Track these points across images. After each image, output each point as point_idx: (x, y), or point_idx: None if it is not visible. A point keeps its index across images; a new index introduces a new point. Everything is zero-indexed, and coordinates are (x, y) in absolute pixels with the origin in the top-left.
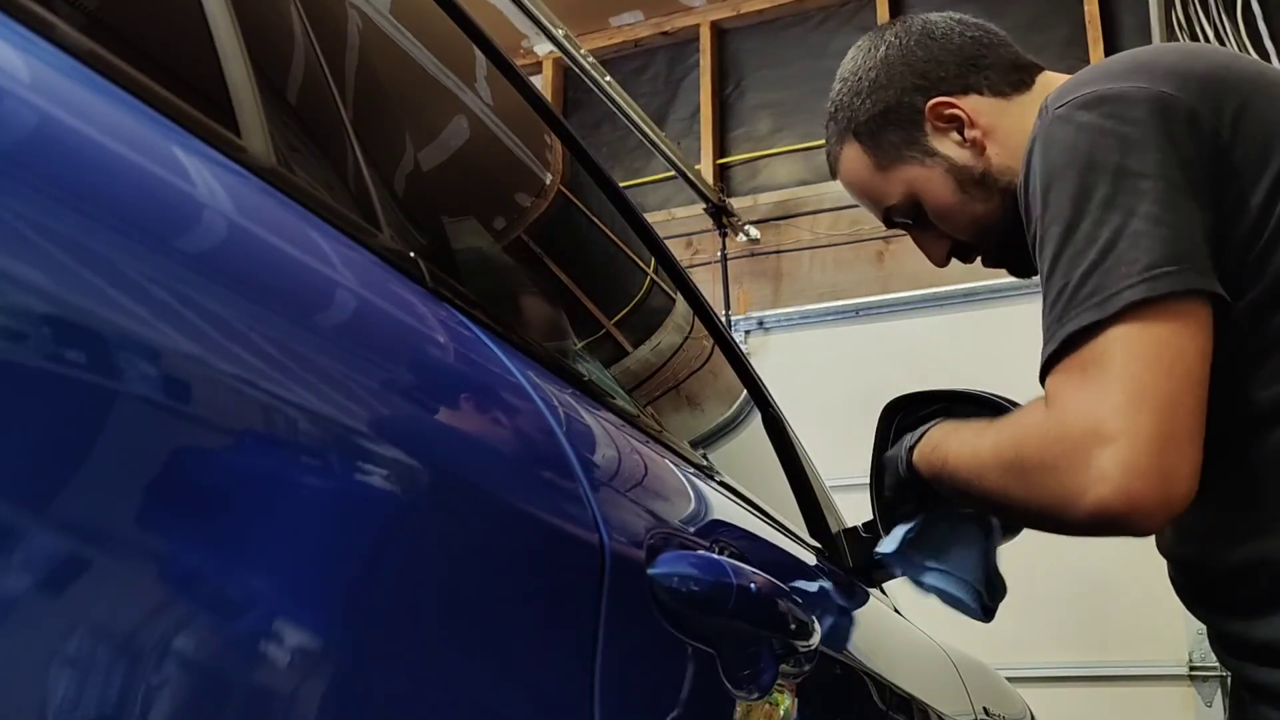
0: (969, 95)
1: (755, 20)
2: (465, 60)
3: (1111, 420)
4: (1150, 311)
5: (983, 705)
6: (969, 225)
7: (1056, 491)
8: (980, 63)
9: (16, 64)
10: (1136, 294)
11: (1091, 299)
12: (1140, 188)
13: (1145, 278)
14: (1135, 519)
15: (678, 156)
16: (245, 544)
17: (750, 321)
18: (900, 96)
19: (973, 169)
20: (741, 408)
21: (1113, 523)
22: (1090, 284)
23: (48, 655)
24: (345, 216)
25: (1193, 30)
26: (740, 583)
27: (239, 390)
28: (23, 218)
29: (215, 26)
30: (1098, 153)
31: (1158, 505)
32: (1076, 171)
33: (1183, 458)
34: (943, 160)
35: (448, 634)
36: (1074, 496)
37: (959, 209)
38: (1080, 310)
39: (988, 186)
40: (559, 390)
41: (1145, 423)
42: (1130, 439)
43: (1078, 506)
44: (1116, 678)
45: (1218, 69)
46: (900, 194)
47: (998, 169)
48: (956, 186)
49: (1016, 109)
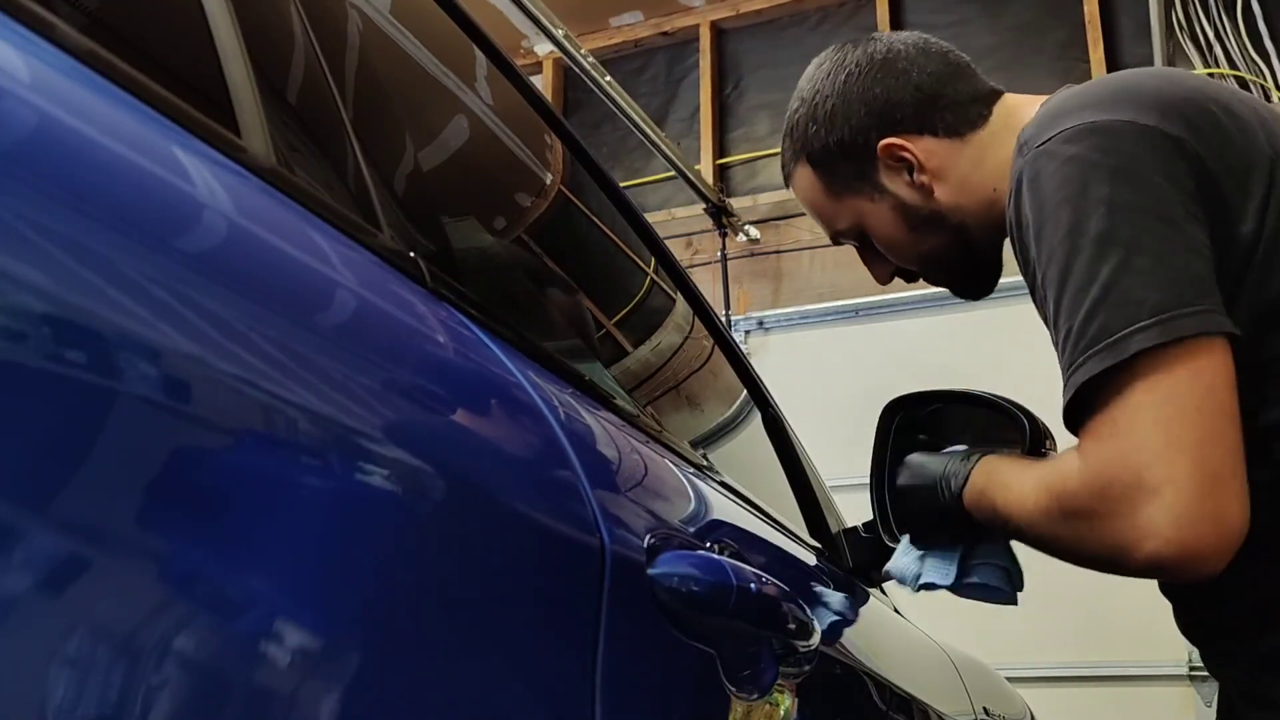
0: (923, 136)
1: (754, 20)
2: (465, 60)
3: (1153, 469)
4: (1170, 354)
5: (983, 705)
6: (915, 259)
7: (1108, 544)
8: (938, 102)
9: (16, 64)
10: (1150, 338)
11: (1100, 342)
12: (1139, 222)
13: (1158, 320)
14: (1193, 565)
15: (678, 156)
16: (244, 544)
17: (750, 321)
18: (854, 133)
19: (920, 209)
20: (741, 408)
21: (1171, 572)
22: (1095, 325)
23: (48, 655)
24: (345, 216)
25: (1193, 30)
26: (740, 583)
27: (239, 390)
28: (23, 218)
29: (215, 26)
30: (1090, 186)
31: (1213, 549)
32: (1069, 207)
33: (1230, 496)
34: (891, 197)
35: (448, 634)
36: (1126, 552)
37: (905, 244)
38: (1090, 356)
39: (935, 225)
40: (559, 390)
41: (1186, 468)
42: (1175, 487)
43: (1131, 561)
44: (1116, 678)
45: (1195, 94)
46: (848, 221)
47: (947, 208)
48: (904, 223)
49: (972, 149)
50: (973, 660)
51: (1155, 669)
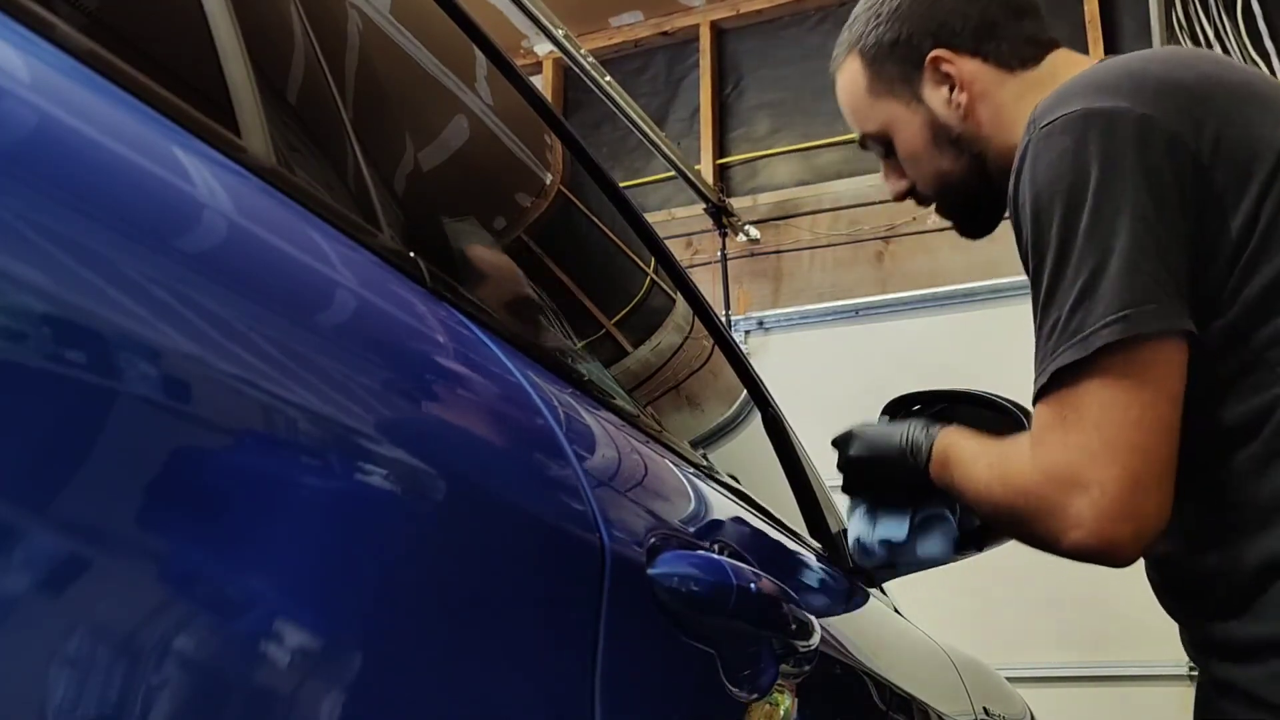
0: (974, 58)
1: (754, 20)
2: (465, 60)
3: (1087, 469)
4: (1123, 355)
5: (983, 705)
6: (932, 177)
7: (1039, 531)
8: (997, 30)
9: (16, 64)
10: (1110, 335)
11: (1075, 337)
12: (1118, 223)
13: (1117, 318)
14: (1110, 556)
15: (678, 156)
16: (244, 544)
17: (750, 321)
18: (910, 37)
19: (950, 128)
20: (741, 408)
21: (1090, 559)
22: (1075, 321)
23: (48, 655)
24: (345, 216)
25: (1193, 30)
26: (740, 583)
27: (239, 390)
28: (23, 218)
29: (215, 26)
30: (1080, 181)
31: (1129, 543)
32: (1062, 202)
33: (1149, 501)
34: (926, 110)
35: (448, 634)
36: (1055, 536)
37: (925, 160)
38: (1065, 348)
39: (959, 148)
40: (559, 390)
41: (1116, 472)
42: (1102, 486)
43: (1059, 545)
44: (1116, 678)
45: (1205, 81)
46: (878, 125)
47: (973, 136)
48: (930, 138)
49: (1015, 84)
50: (973, 660)
51: (1155, 669)
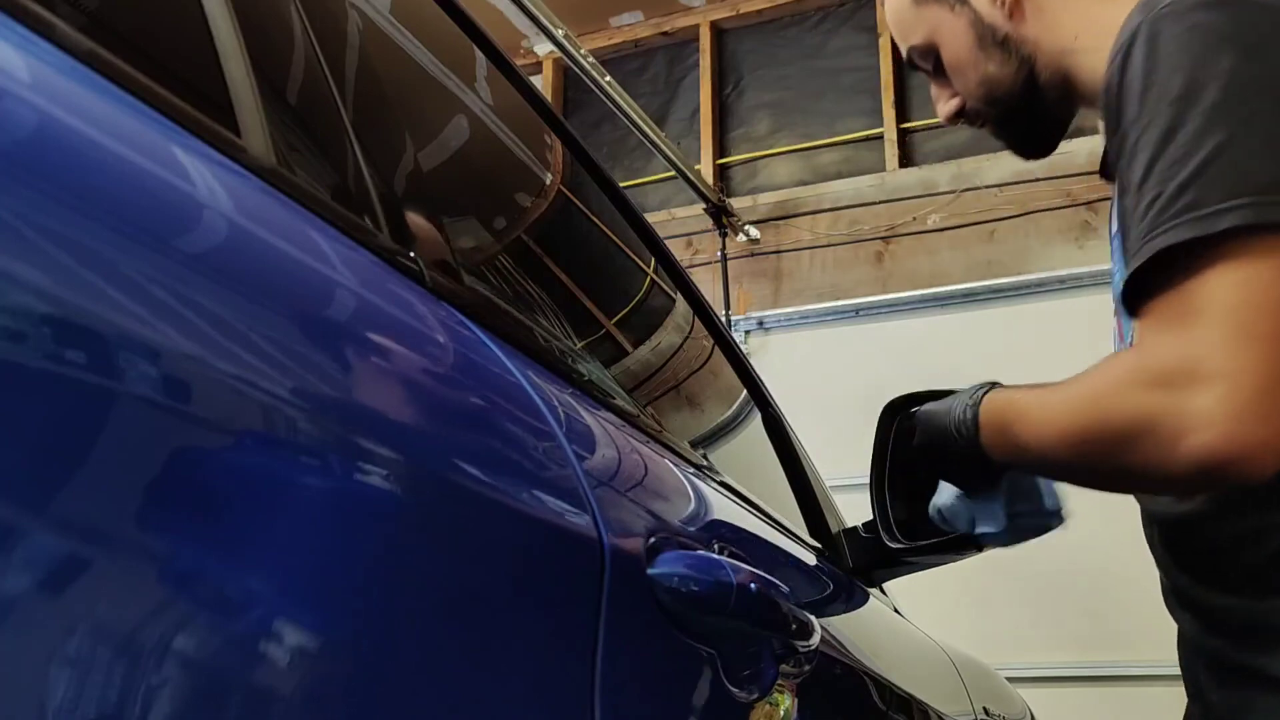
0: None
1: (754, 20)
2: (465, 60)
3: (1214, 359)
4: (1263, 240)
5: (983, 705)
6: (978, 85)
7: (1147, 449)
8: None
9: (16, 64)
10: (1248, 216)
11: (1190, 212)
12: (1258, 102)
13: (1259, 201)
14: (1242, 465)
15: (678, 156)
16: (243, 544)
17: (750, 321)
18: None
19: (996, 29)
20: (741, 408)
21: (1218, 469)
22: (1188, 195)
23: (48, 655)
24: (345, 216)
25: None
26: (740, 583)
27: (239, 390)
28: (23, 218)
29: (215, 26)
30: (1212, 56)
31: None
32: (1185, 72)
33: None
34: (971, 11)
35: (447, 634)
36: (1171, 446)
37: (971, 66)
38: (1175, 224)
39: (1007, 51)
40: (559, 390)
41: (1252, 361)
42: (1235, 379)
43: (1174, 457)
44: (1116, 678)
45: None
46: (923, 35)
47: (1022, 38)
48: (975, 41)
49: None
50: (973, 660)
51: (1155, 669)
